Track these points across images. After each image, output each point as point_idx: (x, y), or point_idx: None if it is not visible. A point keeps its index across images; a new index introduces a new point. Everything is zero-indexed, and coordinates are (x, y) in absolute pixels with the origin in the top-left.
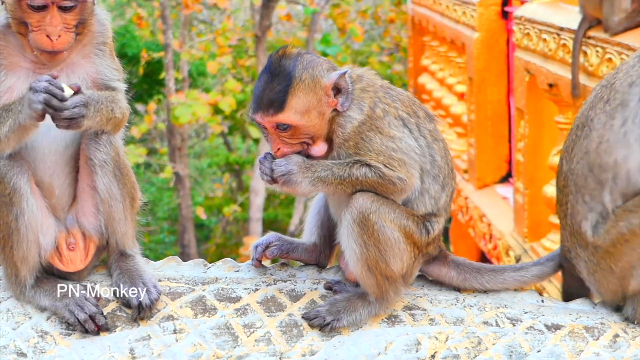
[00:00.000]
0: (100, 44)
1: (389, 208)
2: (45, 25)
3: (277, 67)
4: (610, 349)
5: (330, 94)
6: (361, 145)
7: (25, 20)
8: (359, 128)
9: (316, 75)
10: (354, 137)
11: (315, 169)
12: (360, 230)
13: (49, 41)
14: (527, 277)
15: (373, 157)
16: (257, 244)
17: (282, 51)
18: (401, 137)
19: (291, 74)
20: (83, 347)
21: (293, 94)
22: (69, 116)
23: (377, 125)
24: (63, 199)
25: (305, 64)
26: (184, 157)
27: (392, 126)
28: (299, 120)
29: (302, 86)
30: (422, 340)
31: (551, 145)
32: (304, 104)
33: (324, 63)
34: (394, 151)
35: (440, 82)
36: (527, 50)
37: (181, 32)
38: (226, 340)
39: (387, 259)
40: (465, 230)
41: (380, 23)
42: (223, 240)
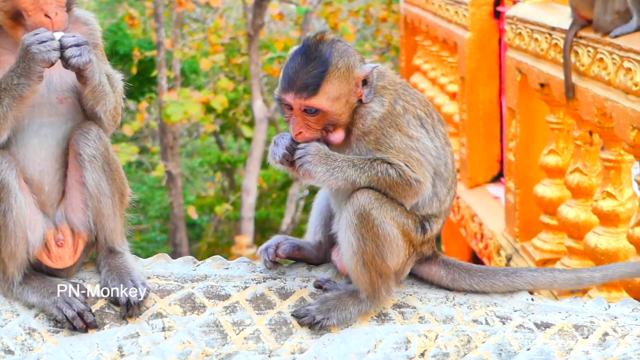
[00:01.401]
0: (92, 46)
1: (391, 206)
2: (41, 5)
3: (314, 51)
4: (599, 347)
5: (360, 84)
6: (382, 140)
7: (18, 9)
8: (380, 123)
9: (351, 64)
10: (375, 131)
11: (336, 158)
12: (359, 223)
13: (49, 20)
14: (518, 282)
15: (394, 155)
16: (266, 246)
17: (319, 36)
18: (419, 137)
19: (328, 60)
20: (71, 345)
21: (328, 80)
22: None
23: (397, 122)
24: (52, 195)
25: (340, 52)
26: (176, 155)
27: (411, 125)
28: (330, 107)
29: (337, 74)
30: (412, 339)
31: (542, 145)
32: (337, 91)
33: (356, 54)
34: (413, 150)
35: (432, 81)
36: (518, 50)
37: (173, 31)
38: (215, 338)
39: (384, 255)
40: (457, 230)
41: (372, 22)
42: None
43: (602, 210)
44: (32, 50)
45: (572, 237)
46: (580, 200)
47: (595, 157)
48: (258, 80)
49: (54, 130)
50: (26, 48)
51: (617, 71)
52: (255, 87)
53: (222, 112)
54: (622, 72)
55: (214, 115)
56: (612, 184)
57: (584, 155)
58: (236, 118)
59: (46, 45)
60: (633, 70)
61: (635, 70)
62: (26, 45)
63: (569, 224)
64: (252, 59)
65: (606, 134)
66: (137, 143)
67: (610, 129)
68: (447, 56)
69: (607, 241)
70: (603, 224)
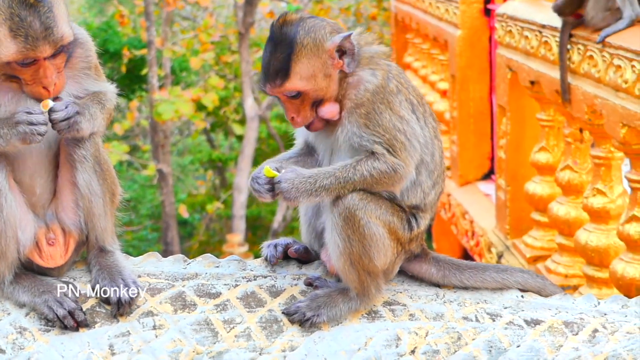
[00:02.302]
0: (86, 68)
1: (375, 205)
2: (40, 78)
3: (279, 36)
4: (589, 344)
5: (335, 55)
6: (372, 116)
7: (16, 75)
8: (373, 96)
9: (319, 38)
10: (367, 104)
11: (316, 177)
12: (345, 224)
13: (47, 92)
14: (509, 280)
15: (379, 134)
16: (275, 243)
17: (282, 19)
18: (409, 120)
19: (293, 41)
20: (62, 344)
21: (297, 61)
22: (63, 117)
23: (389, 99)
24: (44, 196)
25: (307, 28)
26: (166, 154)
27: (403, 106)
28: (306, 86)
29: (305, 52)
30: (402, 336)
31: (533, 143)
32: (309, 69)
33: (327, 26)
34: (399, 132)
35: (422, 79)
36: (509, 47)
37: (163, 29)
38: (206, 336)
39: (371, 254)
40: (448, 227)
41: (362, 20)
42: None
43: (593, 207)
44: (19, 129)
45: (563, 234)
46: (570, 198)
47: (586, 154)
48: (249, 78)
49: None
50: (15, 123)
51: (607, 68)
52: (246, 85)
53: (212, 110)
54: (612, 69)
55: (204, 113)
56: (602, 181)
57: (574, 152)
58: (227, 116)
59: (33, 129)
60: (623, 67)
61: (625, 67)
62: (15, 121)
63: (560, 221)
64: (243, 57)
65: (596, 131)
66: (128, 142)
67: (600, 126)
68: (437, 54)
69: (597, 238)
70: (593, 221)
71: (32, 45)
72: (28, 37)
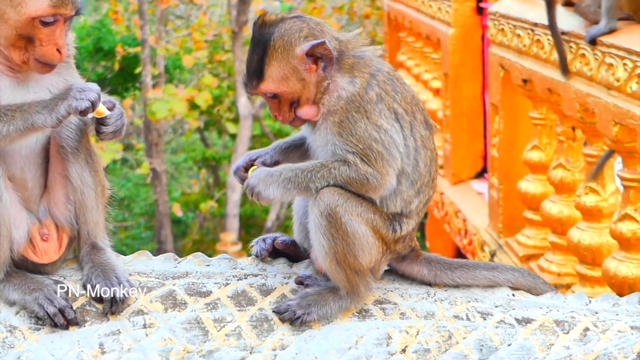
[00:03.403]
0: (67, 56)
1: (355, 202)
2: (56, 38)
3: (256, 37)
4: (580, 342)
5: (307, 61)
6: (345, 125)
7: (32, 36)
8: (347, 105)
9: (291, 42)
10: (340, 112)
11: (287, 174)
12: (327, 223)
13: (59, 54)
14: (499, 278)
15: (352, 144)
16: (264, 237)
17: (261, 19)
18: (387, 129)
19: (267, 43)
20: (52, 342)
21: (269, 63)
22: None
23: (366, 108)
24: (35, 190)
25: (282, 31)
26: (160, 152)
27: (383, 115)
28: (279, 88)
29: (276, 54)
30: (393, 335)
31: (526, 141)
32: (280, 72)
33: (304, 29)
34: (375, 142)
35: (415, 77)
36: (501, 46)
37: (157, 28)
38: (196, 335)
39: (356, 252)
40: (441, 226)
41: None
42: (200, 236)
43: (585, 206)
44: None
45: (556, 233)
46: (563, 196)
47: (578, 152)
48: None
49: None
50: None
51: (599, 67)
52: (239, 84)
53: (206, 108)
54: (604, 67)
55: (198, 112)
56: (594, 180)
57: (566, 150)
58: (220, 115)
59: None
60: (615, 66)
61: (617, 66)
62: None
63: (553, 220)
64: (237, 55)
65: (589, 130)
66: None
67: (592, 124)
68: (430, 52)
69: (590, 236)
70: (586, 219)
71: (63, 1)
72: None
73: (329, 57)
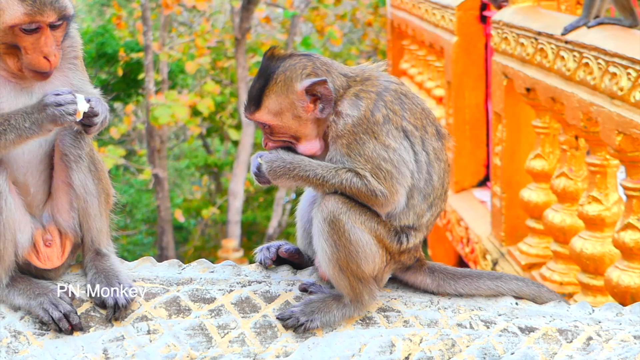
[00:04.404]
0: (73, 58)
1: (359, 210)
2: (41, 46)
3: (263, 67)
4: (583, 351)
5: (305, 99)
6: (353, 146)
7: (17, 44)
8: (354, 128)
9: (291, 79)
10: (347, 135)
11: (296, 166)
12: (330, 230)
13: (47, 62)
14: (503, 288)
15: (361, 163)
16: (268, 245)
17: (271, 52)
18: (396, 148)
19: (270, 75)
20: (56, 347)
21: (267, 95)
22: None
23: (374, 129)
24: (38, 196)
25: (287, 66)
26: (163, 159)
27: (390, 135)
28: (273, 121)
29: (275, 88)
30: (397, 342)
31: (528, 149)
32: (277, 106)
33: (308, 67)
34: (384, 161)
35: (419, 85)
36: (504, 54)
37: (161, 34)
38: (200, 341)
39: (358, 260)
40: (443, 234)
41: (359, 26)
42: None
43: (588, 215)
44: (49, 111)
45: (558, 242)
46: (566, 205)
47: (581, 161)
48: (245, 83)
49: None
50: (44, 106)
51: (602, 76)
52: (242, 91)
53: (208, 115)
54: (608, 77)
55: (200, 119)
56: (597, 189)
57: (569, 159)
58: (223, 121)
59: (62, 110)
60: (618, 75)
61: (621, 75)
62: (44, 104)
63: (555, 229)
64: (239, 62)
65: (592, 139)
66: (124, 146)
67: (596, 133)
68: (433, 60)
69: (592, 246)
70: (589, 228)
71: (39, 8)
72: (35, 1)
73: (328, 98)
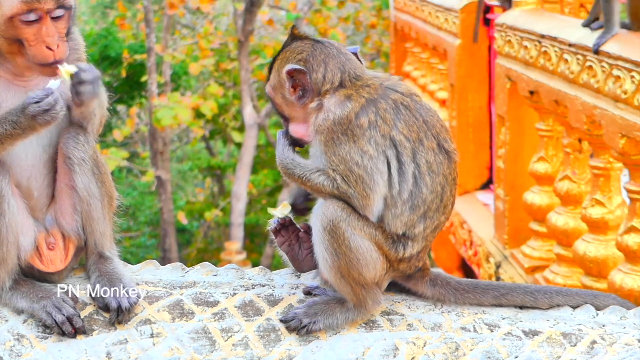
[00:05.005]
0: (75, 60)
1: (358, 216)
2: (43, 36)
3: (284, 43)
4: (587, 355)
5: (287, 81)
6: (330, 145)
7: (19, 38)
8: (334, 126)
9: (285, 60)
10: (326, 133)
11: (286, 161)
12: (330, 238)
13: (51, 52)
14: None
15: (334, 164)
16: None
17: (293, 30)
18: (372, 156)
19: (280, 52)
20: (59, 351)
21: (271, 71)
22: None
23: (354, 132)
24: (41, 199)
25: (291, 47)
26: (166, 161)
27: (372, 142)
28: (271, 94)
29: (276, 65)
30: (400, 346)
31: (532, 152)
32: (273, 82)
33: (304, 52)
34: (357, 165)
35: (422, 88)
36: (508, 57)
37: (164, 36)
38: (203, 345)
39: (359, 267)
40: (446, 237)
41: (362, 29)
42: (204, 245)
43: (591, 218)
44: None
45: (561, 245)
46: (569, 208)
47: (585, 164)
48: (248, 86)
49: (39, 137)
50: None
51: (606, 79)
52: (245, 93)
53: (211, 117)
54: (611, 80)
55: (203, 121)
56: (601, 192)
57: (573, 162)
58: (226, 123)
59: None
60: (622, 78)
61: (624, 78)
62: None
63: (558, 232)
64: (242, 64)
65: (595, 142)
66: (127, 148)
67: (599, 136)
68: (437, 63)
69: (596, 249)
70: (592, 231)
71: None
72: None
73: (307, 87)
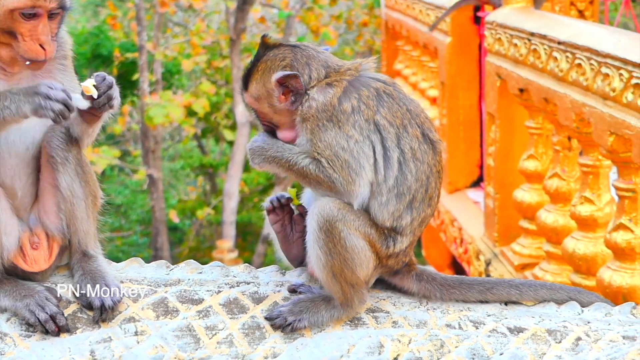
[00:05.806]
0: (62, 57)
1: (353, 215)
2: (38, 34)
3: (256, 53)
4: (572, 352)
5: (279, 90)
6: (315, 131)
7: (13, 30)
8: (318, 113)
9: (269, 69)
10: (312, 120)
11: (269, 148)
12: (326, 237)
13: (42, 50)
14: (491, 297)
15: (320, 149)
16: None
17: (262, 40)
18: (358, 140)
19: (256, 62)
20: (43, 349)
21: (252, 81)
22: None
23: (338, 118)
24: (25, 199)
25: (269, 56)
26: (157, 159)
27: (357, 126)
28: (255, 105)
29: (256, 76)
30: (385, 343)
31: (522, 150)
32: (256, 92)
33: (287, 58)
34: (343, 150)
35: (413, 86)
36: (498, 55)
37: (155, 34)
38: (188, 343)
39: (353, 267)
40: (437, 235)
41: (353, 27)
42: (196, 244)
43: (580, 215)
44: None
45: (551, 242)
46: (558, 205)
47: (574, 162)
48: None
49: (22, 136)
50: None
51: (595, 77)
52: (237, 91)
53: (203, 115)
54: (600, 77)
55: (195, 119)
56: (590, 189)
57: (562, 160)
58: (218, 122)
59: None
60: (611, 76)
61: (613, 76)
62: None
63: (548, 229)
64: (234, 62)
65: (584, 139)
66: (119, 147)
67: (588, 134)
68: (427, 61)
69: (585, 246)
70: (581, 228)
71: None
72: None
73: (299, 91)
